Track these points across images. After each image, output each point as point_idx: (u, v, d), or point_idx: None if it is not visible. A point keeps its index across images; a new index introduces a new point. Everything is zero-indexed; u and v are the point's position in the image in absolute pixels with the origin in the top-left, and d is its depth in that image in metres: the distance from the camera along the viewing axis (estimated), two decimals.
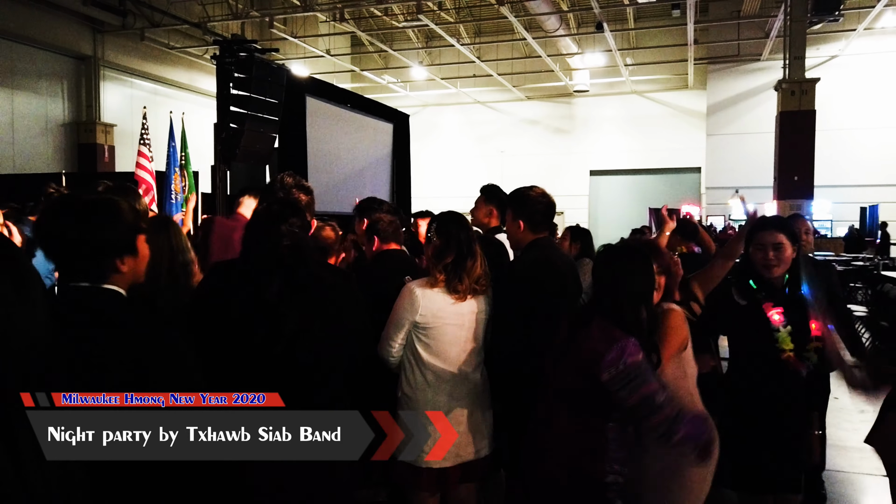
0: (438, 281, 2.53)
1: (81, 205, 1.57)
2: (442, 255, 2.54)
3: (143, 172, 6.99)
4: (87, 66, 17.22)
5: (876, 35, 19.16)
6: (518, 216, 2.86)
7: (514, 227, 2.88)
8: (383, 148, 11.63)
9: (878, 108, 19.80)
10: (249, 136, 7.74)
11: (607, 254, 2.28)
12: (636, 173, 24.34)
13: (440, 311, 2.54)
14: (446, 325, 2.56)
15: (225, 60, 7.69)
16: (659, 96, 23.53)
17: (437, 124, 25.25)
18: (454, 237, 2.56)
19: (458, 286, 2.54)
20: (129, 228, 1.60)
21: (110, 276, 1.55)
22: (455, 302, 2.55)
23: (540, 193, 2.92)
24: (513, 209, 2.92)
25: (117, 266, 1.56)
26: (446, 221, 2.63)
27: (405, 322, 2.53)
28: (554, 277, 2.82)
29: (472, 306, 2.61)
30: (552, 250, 2.96)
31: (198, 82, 20.16)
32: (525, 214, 2.84)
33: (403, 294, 2.55)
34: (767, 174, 15.28)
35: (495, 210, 3.67)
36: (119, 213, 1.58)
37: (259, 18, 18.16)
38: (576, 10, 19.04)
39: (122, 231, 1.58)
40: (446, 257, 2.54)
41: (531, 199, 2.87)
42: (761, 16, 18.22)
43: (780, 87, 14.21)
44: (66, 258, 1.54)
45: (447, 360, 2.56)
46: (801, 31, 14.16)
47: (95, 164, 16.86)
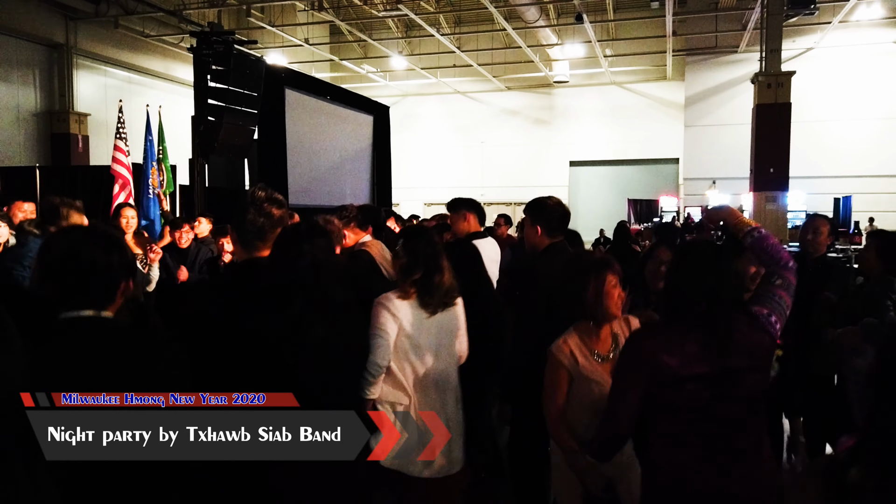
0: (410, 294, 2.57)
1: (100, 236, 1.63)
2: (410, 271, 2.59)
3: (119, 167, 6.89)
4: (60, 55, 16.87)
5: (850, 28, 19.42)
6: (536, 222, 3.09)
7: (532, 231, 3.10)
8: (363, 140, 11.57)
9: (851, 100, 20.11)
10: (228, 129, 7.67)
11: (705, 253, 2.08)
12: (615, 164, 24.51)
13: (413, 324, 2.57)
14: (420, 339, 2.59)
15: (202, 52, 7.58)
16: (638, 87, 23.67)
17: (417, 114, 25.16)
18: (421, 254, 2.61)
19: (430, 300, 2.59)
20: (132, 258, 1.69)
21: (110, 304, 1.61)
22: (428, 316, 2.60)
23: (557, 202, 3.16)
24: (531, 215, 3.14)
25: (119, 293, 1.62)
26: (413, 238, 2.67)
27: (386, 334, 2.53)
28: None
29: (443, 319, 2.66)
30: (567, 255, 3.12)
31: (173, 71, 19.85)
32: (543, 220, 3.07)
33: (377, 307, 2.56)
34: (744, 165, 15.47)
35: (468, 213, 3.76)
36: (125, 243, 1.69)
37: (236, 6, 17.92)
38: (555, 1, 19.02)
39: (129, 259, 1.66)
40: (414, 274, 2.58)
41: (549, 206, 3.10)
42: (738, 8, 18.38)
43: (756, 80, 14.36)
44: (80, 285, 1.56)
45: (424, 372, 2.60)
46: (778, 23, 14.32)
47: (69, 155, 16.55)
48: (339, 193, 10.68)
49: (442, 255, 2.68)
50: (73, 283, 1.55)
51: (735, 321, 1.96)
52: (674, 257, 2.14)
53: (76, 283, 1.55)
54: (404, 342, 2.56)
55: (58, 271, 1.56)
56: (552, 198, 3.16)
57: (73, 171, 10.75)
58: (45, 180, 9.38)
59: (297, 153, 9.33)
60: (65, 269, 1.55)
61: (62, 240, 1.62)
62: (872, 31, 19.60)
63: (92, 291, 1.56)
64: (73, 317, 1.55)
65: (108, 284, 1.58)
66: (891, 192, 19.65)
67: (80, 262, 1.55)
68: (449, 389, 2.68)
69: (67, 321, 1.54)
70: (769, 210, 14.47)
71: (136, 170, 7.52)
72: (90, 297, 1.56)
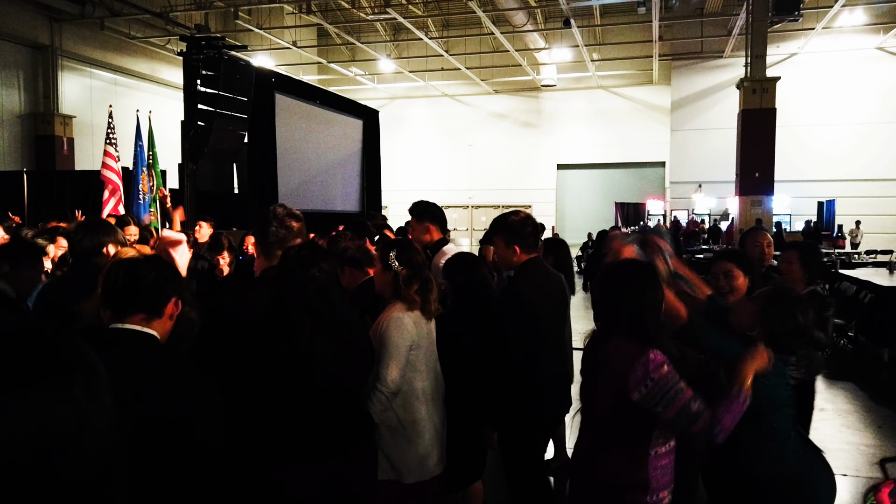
0: (416, 304, 2.63)
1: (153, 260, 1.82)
2: (410, 283, 2.65)
3: (109, 173, 6.83)
4: (45, 56, 16.71)
5: (834, 34, 19.69)
6: (512, 243, 2.96)
7: (510, 252, 2.98)
8: (353, 144, 11.56)
9: (836, 105, 20.39)
10: (218, 133, 7.61)
11: (612, 272, 2.25)
12: (602, 167, 24.65)
13: (423, 332, 2.65)
14: (427, 346, 2.67)
15: (192, 57, 7.54)
16: (625, 91, 23.84)
17: (405, 117, 25.15)
18: (417, 265, 2.68)
19: (429, 308, 2.67)
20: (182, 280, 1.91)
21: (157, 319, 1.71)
22: (427, 323, 2.69)
23: (524, 217, 3.06)
24: (505, 238, 3.01)
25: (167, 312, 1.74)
26: (407, 251, 2.72)
27: (404, 350, 2.58)
28: (548, 298, 2.96)
29: (433, 324, 2.75)
30: (544, 269, 3.09)
31: (160, 73, 19.72)
32: (520, 241, 2.95)
33: (394, 324, 2.59)
34: (730, 169, 15.63)
35: (430, 225, 3.73)
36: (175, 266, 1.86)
37: (223, 9, 17.83)
38: (543, 6, 19.13)
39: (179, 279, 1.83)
40: (413, 284, 2.64)
41: (518, 224, 2.99)
42: (724, 14, 18.58)
43: (741, 86, 14.52)
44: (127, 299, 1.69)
45: (424, 378, 2.67)
46: (762, 29, 14.49)
47: (54, 157, 16.40)
48: (329, 197, 10.66)
49: (427, 265, 2.78)
50: (122, 298, 1.68)
51: (611, 343, 2.12)
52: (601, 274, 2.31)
53: (124, 298, 1.68)
54: (413, 354, 2.60)
55: (114, 292, 1.69)
56: (517, 213, 3.08)
57: (62, 177, 10.65)
58: (33, 185, 9.28)
59: (287, 157, 9.31)
60: (119, 289, 1.68)
61: (120, 266, 1.75)
62: (856, 37, 19.89)
63: (138, 306, 1.67)
64: (118, 328, 1.66)
65: (156, 299, 1.70)
66: (874, 195, 19.94)
67: (132, 282, 1.69)
68: (440, 394, 2.75)
69: (113, 331, 1.66)
70: (755, 213, 14.64)
71: (125, 175, 7.48)
72: (136, 311, 1.67)
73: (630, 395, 1.99)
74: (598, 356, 2.14)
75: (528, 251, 2.98)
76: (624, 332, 2.09)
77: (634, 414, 2.03)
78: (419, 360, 2.62)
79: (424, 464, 2.59)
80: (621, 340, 2.08)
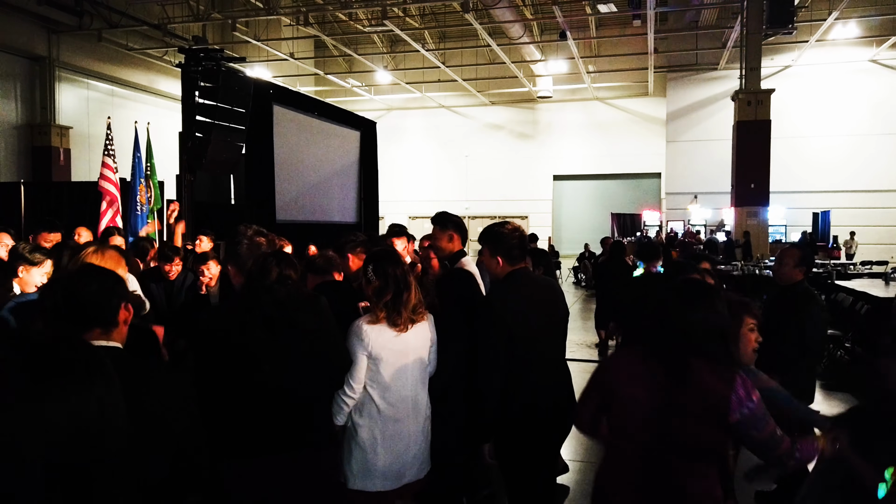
0: (380, 318, 2.67)
1: (96, 272, 1.76)
2: (382, 293, 2.69)
3: (107, 184, 6.83)
4: (42, 67, 16.75)
5: (827, 47, 19.88)
6: (496, 253, 2.99)
7: (493, 263, 3.01)
8: (350, 155, 11.57)
9: (829, 117, 20.55)
10: (216, 145, 7.62)
11: (685, 292, 2.11)
12: (598, 178, 24.76)
13: (386, 344, 2.67)
14: (391, 357, 2.69)
15: (190, 68, 7.56)
16: (620, 103, 23.98)
17: (402, 128, 25.25)
18: (391, 276, 2.71)
19: (398, 319, 2.69)
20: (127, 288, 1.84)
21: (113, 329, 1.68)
22: (398, 334, 2.70)
23: (512, 228, 3.06)
24: (490, 247, 3.04)
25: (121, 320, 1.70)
26: (382, 262, 2.76)
27: (361, 358, 2.65)
28: (533, 307, 2.93)
29: (413, 335, 2.76)
30: (529, 279, 3.06)
31: (157, 84, 19.77)
32: (502, 251, 2.97)
33: (351, 332, 2.68)
34: (725, 180, 15.71)
35: (454, 234, 3.74)
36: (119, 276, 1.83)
37: (221, 21, 17.90)
38: (539, 19, 19.27)
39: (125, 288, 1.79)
40: (385, 295, 2.68)
41: (505, 236, 3.00)
42: (718, 27, 18.74)
43: (736, 98, 14.62)
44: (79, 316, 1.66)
45: (395, 388, 2.70)
46: (757, 42, 14.62)
47: (50, 168, 16.40)
48: (326, 208, 10.66)
49: (409, 273, 2.79)
50: (71, 317, 1.63)
51: (694, 362, 1.97)
52: (668, 292, 2.15)
53: (73, 318, 1.63)
54: (374, 364, 2.64)
55: (61, 311, 1.64)
56: (506, 224, 3.09)
57: (59, 187, 10.64)
58: (30, 196, 9.28)
59: (284, 168, 9.31)
60: (65, 308, 1.63)
61: (56, 286, 1.71)
62: (849, 50, 20.08)
63: (89, 322, 1.63)
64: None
65: (106, 311, 1.66)
66: (868, 206, 20.06)
67: (79, 297, 1.64)
68: (418, 405, 2.76)
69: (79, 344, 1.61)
70: (750, 224, 14.70)
71: (123, 186, 7.48)
72: (90, 327, 1.63)
73: (729, 417, 1.93)
74: (682, 381, 2.00)
75: (512, 263, 2.99)
76: (709, 355, 1.99)
77: (726, 436, 1.97)
78: (381, 371, 2.65)
79: (370, 474, 2.61)
80: (709, 362, 1.98)
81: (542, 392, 2.90)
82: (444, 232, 3.78)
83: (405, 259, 3.32)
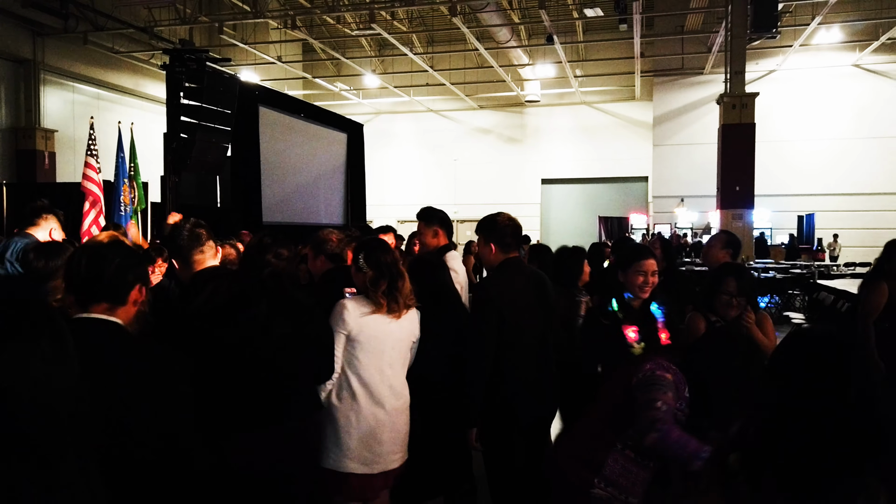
0: (382, 306, 2.69)
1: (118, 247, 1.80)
2: (377, 283, 2.72)
3: (90, 184, 6.78)
4: (27, 70, 16.61)
5: (811, 51, 20.08)
6: (489, 240, 3.05)
7: (487, 250, 3.09)
8: (337, 158, 11.58)
9: (813, 121, 20.74)
10: (201, 146, 7.62)
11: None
12: (586, 182, 24.84)
13: (368, 327, 2.69)
14: (375, 342, 2.71)
15: (175, 69, 7.55)
16: (607, 107, 24.10)
17: (391, 132, 25.24)
18: (384, 265, 2.75)
19: (395, 306, 2.73)
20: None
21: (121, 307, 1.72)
22: (392, 321, 2.73)
23: (507, 218, 3.16)
24: (483, 234, 3.14)
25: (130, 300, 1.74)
26: (374, 251, 2.78)
27: (341, 338, 2.67)
28: (523, 297, 2.98)
29: (404, 322, 2.79)
30: (520, 269, 3.12)
31: (144, 87, 19.67)
32: (496, 238, 3.05)
33: (334, 312, 2.71)
34: (711, 183, 15.80)
35: (439, 230, 3.77)
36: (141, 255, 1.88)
37: (208, 24, 17.85)
38: (526, 22, 19.35)
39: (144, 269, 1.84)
40: (381, 284, 2.70)
41: (499, 224, 3.10)
42: (704, 31, 18.89)
43: (721, 101, 14.73)
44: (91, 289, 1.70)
45: (380, 374, 2.72)
46: (741, 46, 14.73)
47: (35, 171, 16.26)
48: (313, 210, 10.65)
49: (399, 261, 2.86)
50: (86, 286, 1.68)
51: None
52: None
53: (87, 287, 1.68)
54: (353, 346, 2.67)
55: (77, 279, 1.68)
56: (502, 214, 3.18)
57: (41, 188, 10.58)
58: (13, 197, 9.21)
59: (270, 170, 9.31)
60: (82, 276, 1.68)
61: (83, 252, 1.75)
62: (832, 55, 20.28)
63: (101, 295, 1.67)
64: (83, 317, 1.67)
65: (120, 287, 1.70)
66: (852, 209, 20.23)
67: (95, 270, 1.69)
68: (396, 392, 2.78)
69: (78, 321, 1.66)
70: (736, 227, 14.79)
71: (106, 187, 7.43)
72: (99, 300, 1.68)
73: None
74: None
75: (506, 251, 3.06)
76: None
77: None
78: (360, 354, 2.67)
79: (343, 455, 2.63)
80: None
81: (526, 379, 2.93)
82: (428, 227, 3.82)
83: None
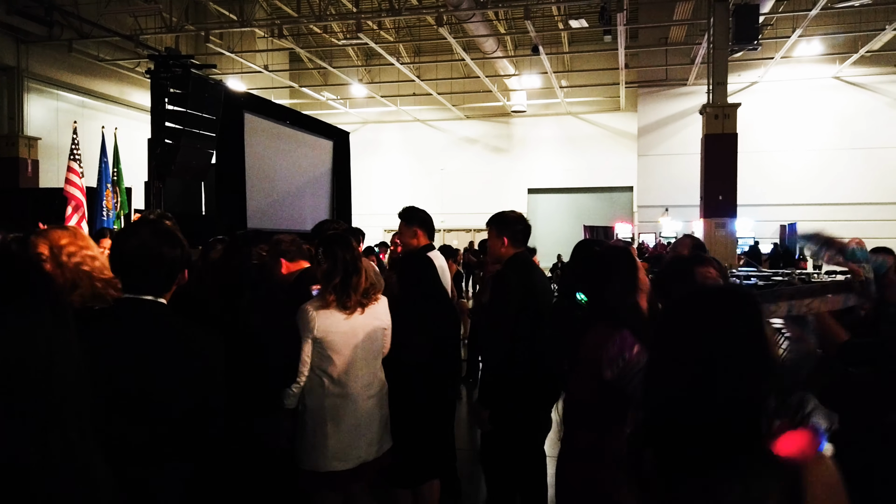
0: (329, 301, 2.67)
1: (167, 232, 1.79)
2: (331, 276, 2.73)
3: (72, 188, 6.75)
4: (10, 78, 16.49)
5: (792, 63, 20.39)
6: (502, 233, 3.20)
7: (498, 242, 3.23)
8: (323, 165, 11.58)
9: (795, 132, 21.03)
10: (185, 151, 7.60)
11: (590, 262, 2.40)
12: (572, 192, 24.99)
13: (333, 326, 2.71)
14: (342, 339, 2.73)
15: (160, 75, 7.54)
16: (593, 118, 24.30)
17: (377, 141, 25.29)
18: (340, 258, 2.75)
19: (347, 302, 2.73)
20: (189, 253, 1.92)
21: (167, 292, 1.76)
22: (347, 317, 2.73)
23: (518, 216, 3.35)
24: (497, 228, 3.28)
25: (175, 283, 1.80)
26: (331, 244, 2.79)
27: (306, 339, 2.69)
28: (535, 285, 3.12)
29: (364, 318, 2.80)
30: (531, 263, 3.28)
31: (129, 95, 19.59)
32: (508, 232, 3.20)
33: (299, 315, 2.72)
34: (695, 193, 15.95)
35: (419, 230, 3.79)
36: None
37: (194, 32, 17.84)
38: (513, 33, 19.51)
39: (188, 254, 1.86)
40: (334, 278, 2.71)
41: (512, 219, 3.28)
42: (687, 43, 19.13)
43: (704, 112, 14.91)
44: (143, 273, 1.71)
45: (347, 370, 2.73)
46: (723, 58, 14.94)
47: (17, 179, 16.10)
48: (298, 217, 10.63)
49: (360, 258, 2.84)
50: (139, 271, 1.70)
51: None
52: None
53: (141, 272, 1.70)
54: (321, 347, 2.66)
55: (128, 261, 1.70)
56: (514, 211, 3.36)
57: (24, 194, 10.49)
58: None
59: (256, 177, 9.29)
60: (133, 259, 1.69)
61: (133, 235, 1.75)
62: (813, 67, 20.61)
63: (153, 279, 1.71)
64: (133, 298, 1.69)
65: (169, 274, 1.73)
66: (834, 219, 20.47)
67: (148, 254, 1.70)
68: (370, 384, 2.79)
69: (130, 301, 1.69)
70: (719, 236, 14.93)
71: (89, 193, 7.39)
72: (151, 284, 1.70)
73: (604, 374, 2.03)
74: (581, 341, 2.17)
75: (516, 245, 3.22)
76: (602, 316, 2.14)
77: (611, 397, 2.05)
78: (328, 353, 2.69)
79: (321, 453, 2.64)
80: (602, 324, 2.13)
81: (535, 372, 3.01)
82: (409, 227, 3.83)
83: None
